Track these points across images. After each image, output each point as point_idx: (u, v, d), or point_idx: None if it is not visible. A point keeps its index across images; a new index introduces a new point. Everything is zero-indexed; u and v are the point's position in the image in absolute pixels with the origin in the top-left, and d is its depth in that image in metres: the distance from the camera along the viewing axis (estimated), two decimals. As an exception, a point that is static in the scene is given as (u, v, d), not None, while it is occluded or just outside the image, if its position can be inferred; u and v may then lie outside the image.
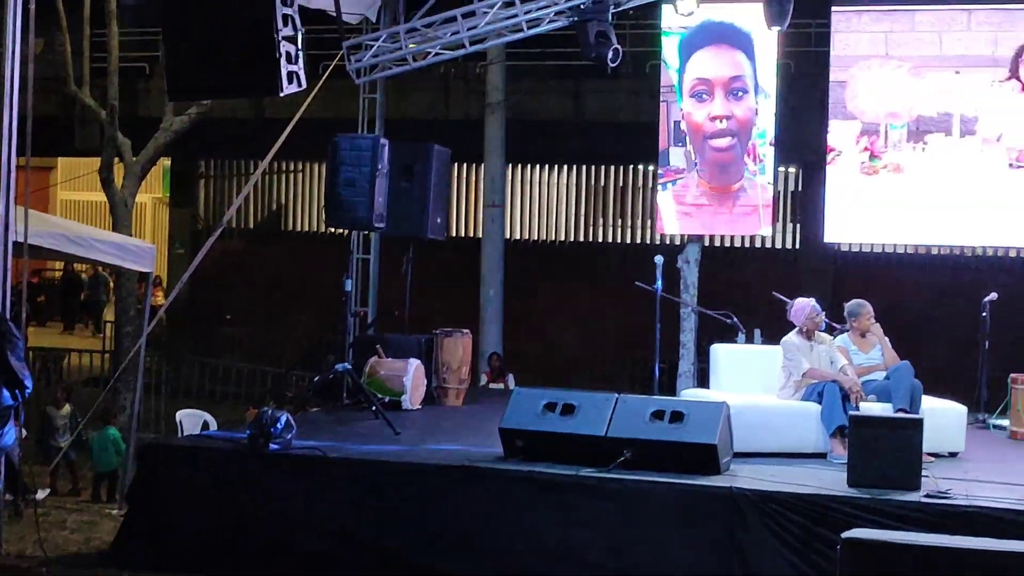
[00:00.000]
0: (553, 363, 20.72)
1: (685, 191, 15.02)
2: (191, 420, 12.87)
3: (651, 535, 8.37)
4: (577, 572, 8.47)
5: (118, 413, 14.88)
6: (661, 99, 15.20)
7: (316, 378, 12.83)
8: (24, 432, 10.67)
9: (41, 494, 11.70)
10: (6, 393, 8.76)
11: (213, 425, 12.70)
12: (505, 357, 17.45)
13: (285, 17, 10.38)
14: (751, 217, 14.93)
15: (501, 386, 15.89)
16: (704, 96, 14.79)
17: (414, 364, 12.47)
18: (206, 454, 9.41)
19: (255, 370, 20.57)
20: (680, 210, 15.13)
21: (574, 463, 8.77)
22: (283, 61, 10.35)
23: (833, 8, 14.72)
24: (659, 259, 12.09)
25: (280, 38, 10.31)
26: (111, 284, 27.50)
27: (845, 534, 6.84)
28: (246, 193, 23.21)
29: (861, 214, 14.52)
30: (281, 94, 10.55)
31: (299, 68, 10.58)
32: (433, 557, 8.70)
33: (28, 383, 8.89)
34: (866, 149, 14.33)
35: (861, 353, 10.66)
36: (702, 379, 14.28)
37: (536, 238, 23.56)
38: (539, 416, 9.19)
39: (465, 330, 13.47)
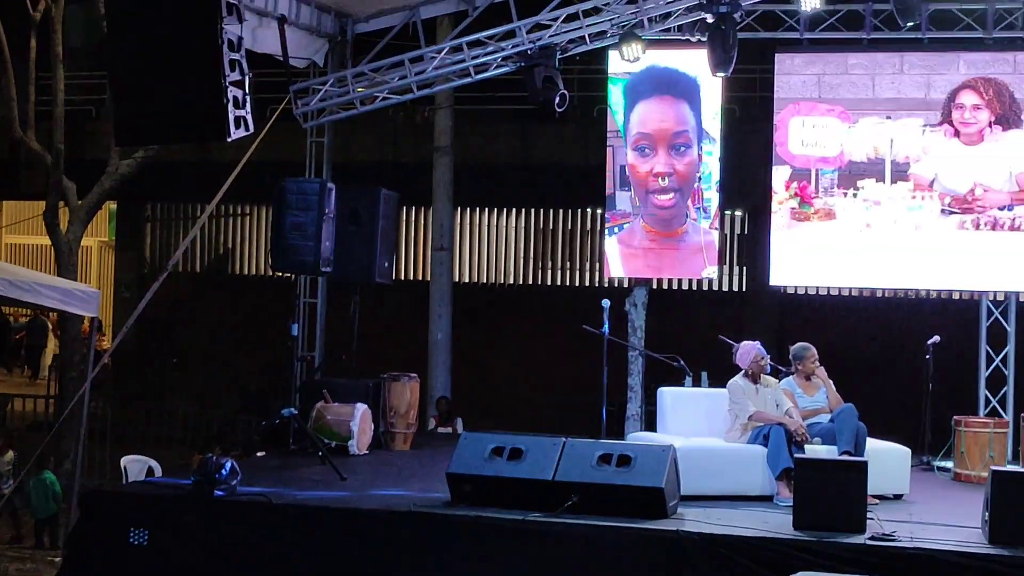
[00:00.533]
0: (501, 406, 20.67)
1: (632, 236, 15.04)
2: (136, 466, 12.75)
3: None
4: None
5: (63, 459, 14.71)
6: (608, 143, 15.24)
7: (263, 423, 12.76)
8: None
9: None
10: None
11: (158, 471, 12.58)
12: (453, 400, 17.40)
13: (232, 62, 10.38)
14: (695, 260, 14.98)
15: (449, 430, 15.84)
16: (647, 151, 14.80)
17: (361, 409, 12.42)
18: (150, 501, 9.32)
19: (201, 414, 20.42)
20: (627, 253, 15.14)
21: (522, 507, 8.77)
22: (230, 106, 10.34)
23: (776, 52, 14.83)
24: (606, 303, 12.15)
25: (227, 83, 10.30)
26: (50, 328, 27.32)
27: (792, 576, 6.87)
28: (192, 236, 23.08)
29: (799, 258, 14.53)
30: (229, 139, 10.53)
31: (246, 112, 10.57)
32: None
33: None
34: (796, 195, 14.35)
35: (806, 396, 10.72)
36: (650, 422, 14.30)
37: (484, 281, 23.56)
38: (486, 460, 9.18)
39: (413, 374, 13.43)
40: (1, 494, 12.62)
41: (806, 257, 14.41)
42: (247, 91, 10.59)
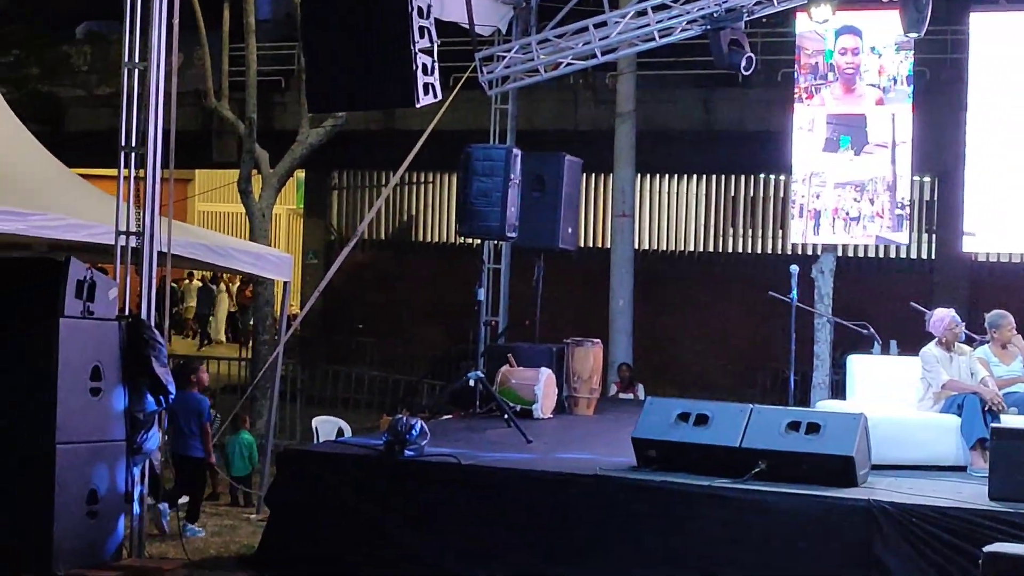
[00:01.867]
0: (682, 374, 20.63)
1: (818, 200, 14.83)
2: (327, 427, 13.09)
3: (786, 547, 8.25)
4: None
5: (255, 420, 15.14)
6: (794, 107, 15.06)
7: (448, 386, 12.92)
8: (166, 438, 10.91)
9: (181, 500, 11.95)
10: (150, 399, 9.00)
11: (347, 432, 12.89)
12: (634, 367, 17.38)
13: (421, 29, 10.48)
14: (886, 226, 14.70)
15: (631, 396, 15.85)
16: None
17: (545, 373, 12.49)
18: (343, 460, 9.51)
19: (387, 378, 20.80)
20: (814, 219, 14.94)
21: (707, 474, 8.69)
22: (419, 73, 10.44)
23: (972, 12, 14.39)
24: (794, 269, 11.94)
25: (416, 50, 10.40)
26: (219, 294, 28.14)
27: (987, 548, 6.70)
28: (379, 205, 23.52)
29: (993, 223, 14.11)
30: (418, 105, 10.64)
31: (435, 79, 10.66)
32: (563, 566, 8.67)
33: (171, 388, 9.11)
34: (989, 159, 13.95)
35: (1002, 365, 10.42)
36: (836, 391, 14.08)
37: (665, 248, 23.48)
38: (672, 426, 9.13)
39: (596, 340, 13.45)
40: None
41: (1001, 222, 14.01)
42: (435, 58, 10.69)
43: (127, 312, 9.23)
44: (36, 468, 8.23)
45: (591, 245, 22.95)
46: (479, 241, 13.94)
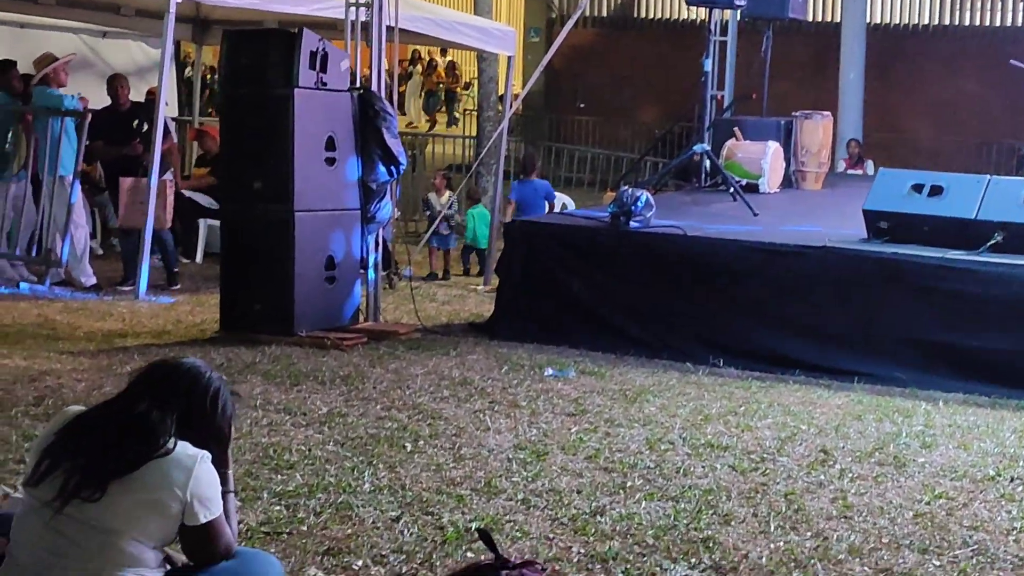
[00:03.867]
0: (913, 151, 20.03)
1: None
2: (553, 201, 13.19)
3: (1021, 319, 8.07)
4: (938, 353, 8.28)
5: (481, 196, 15.35)
6: None
7: (673, 161, 12.84)
8: (397, 212, 11.21)
9: (407, 271, 12.31)
10: (382, 169, 9.20)
11: (571, 206, 12.97)
12: (863, 144, 16.95)
13: None
14: None
15: (859, 172, 15.52)
16: None
17: (772, 147, 12.29)
18: (569, 231, 9.60)
19: (609, 157, 20.78)
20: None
21: (940, 246, 8.51)
22: None
23: None
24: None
25: None
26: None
27: None
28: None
29: None
30: None
31: None
32: (789, 339, 8.65)
33: (403, 159, 9.29)
34: None
35: None
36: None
37: (898, 22, 22.60)
38: (905, 197, 8.93)
39: (825, 112, 13.15)
40: (440, 232, 13.10)
41: None
42: None
43: (358, 84, 9.38)
44: (277, 236, 8.55)
45: (821, 19, 22.22)
46: (704, 16, 13.61)
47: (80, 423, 3.59)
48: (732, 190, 11.19)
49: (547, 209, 12.31)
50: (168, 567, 3.63)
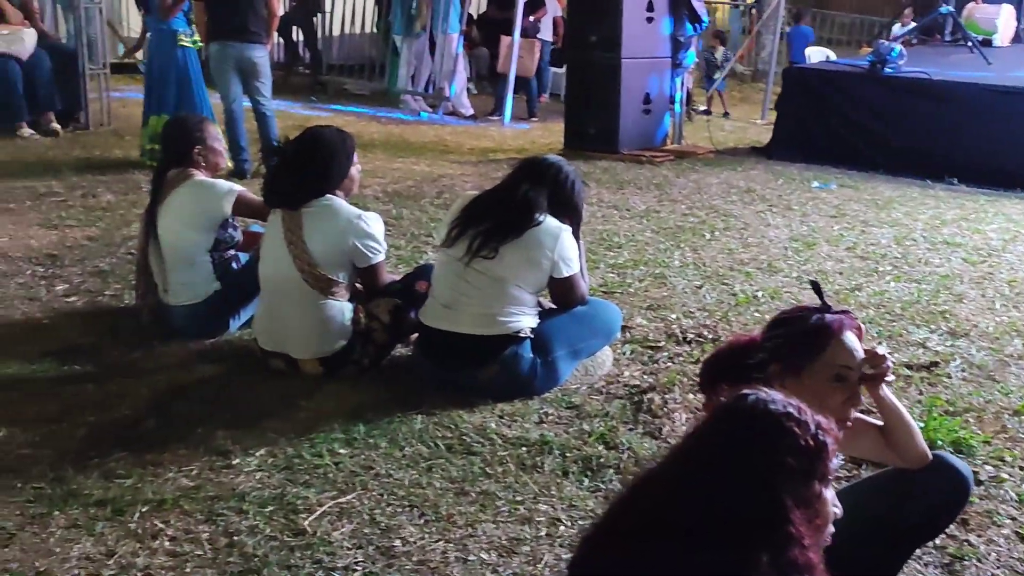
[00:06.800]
0: None
1: None
2: (817, 55, 12.50)
3: None
4: None
5: (760, 51, 14.68)
6: None
7: (920, 19, 11.89)
8: (697, 60, 10.84)
9: (701, 107, 12.00)
10: (688, 26, 8.88)
11: (833, 57, 12.25)
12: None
13: None
14: None
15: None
16: None
17: (1006, 8, 11.21)
18: (836, 75, 9.09)
19: (862, 20, 19.42)
20: None
21: None
22: None
23: None
24: None
25: None
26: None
27: None
28: None
29: None
30: None
31: None
32: (1013, 160, 7.92)
33: (704, 18, 8.93)
34: None
35: None
36: None
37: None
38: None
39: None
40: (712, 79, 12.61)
41: None
42: None
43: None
44: (608, 77, 8.44)
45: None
46: None
47: (477, 202, 3.67)
48: (970, 44, 10.29)
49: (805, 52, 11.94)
50: (540, 308, 3.72)
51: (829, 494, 1.58)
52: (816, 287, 2.25)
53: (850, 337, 2.12)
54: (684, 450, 1.63)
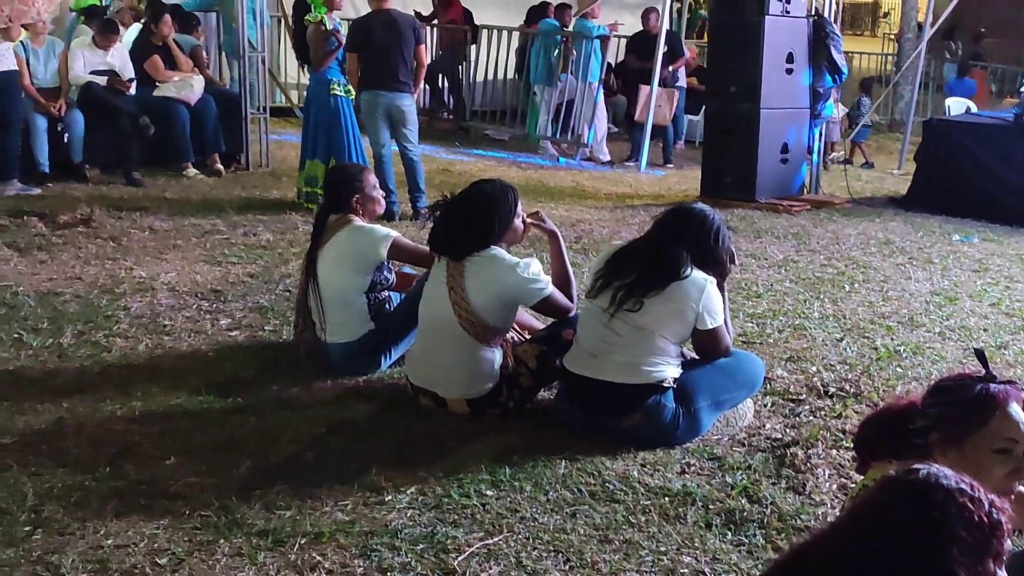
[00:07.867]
0: None
1: None
2: (956, 106, 12.14)
3: None
4: None
5: (898, 101, 14.37)
6: None
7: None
8: (843, 109, 10.60)
9: (840, 155, 11.72)
10: (828, 77, 8.73)
11: (974, 110, 11.87)
12: None
13: None
14: None
15: None
16: None
17: None
18: (978, 127, 8.81)
19: (1006, 70, 18.74)
20: None
21: None
22: None
23: None
24: None
25: None
26: None
27: None
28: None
29: None
30: None
31: None
32: None
33: (844, 70, 8.77)
34: None
35: None
36: None
37: None
38: None
39: None
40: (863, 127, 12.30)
41: None
42: None
43: (814, 11, 8.89)
44: (747, 126, 8.36)
45: None
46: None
47: (622, 254, 3.68)
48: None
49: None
50: (684, 358, 3.69)
51: (1002, 575, 1.52)
52: (981, 355, 2.18)
53: (1015, 409, 2.04)
54: (850, 520, 1.59)
